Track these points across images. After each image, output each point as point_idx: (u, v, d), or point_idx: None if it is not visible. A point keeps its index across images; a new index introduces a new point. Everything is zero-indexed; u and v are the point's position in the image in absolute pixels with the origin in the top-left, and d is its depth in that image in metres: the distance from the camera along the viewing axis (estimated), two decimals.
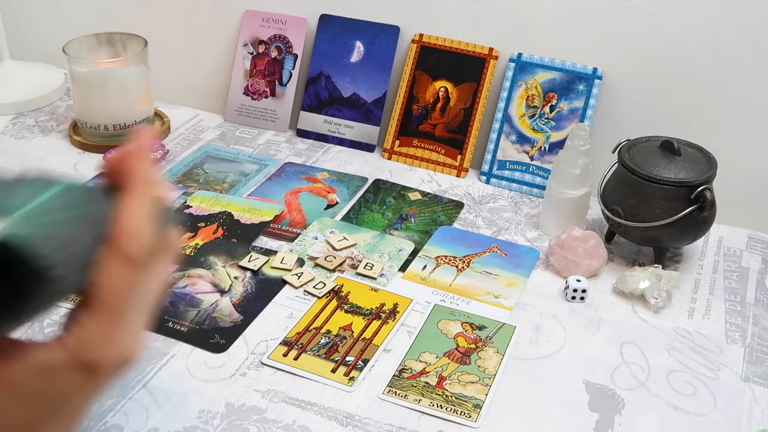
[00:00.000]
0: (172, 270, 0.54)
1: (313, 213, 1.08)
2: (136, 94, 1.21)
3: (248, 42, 1.29)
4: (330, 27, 1.24)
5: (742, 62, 1.06)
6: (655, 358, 0.86)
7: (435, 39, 1.19)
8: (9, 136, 1.24)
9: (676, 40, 1.08)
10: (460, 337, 0.87)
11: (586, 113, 1.12)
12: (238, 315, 0.89)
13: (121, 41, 1.24)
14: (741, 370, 0.85)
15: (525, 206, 1.12)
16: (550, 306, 0.93)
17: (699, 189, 0.92)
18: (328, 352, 0.84)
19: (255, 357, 0.83)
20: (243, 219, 1.05)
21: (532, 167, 1.15)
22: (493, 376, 0.82)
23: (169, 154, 1.20)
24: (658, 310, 0.92)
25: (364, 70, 1.23)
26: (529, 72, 1.15)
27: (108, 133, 1.21)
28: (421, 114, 1.20)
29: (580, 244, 0.96)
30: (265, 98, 1.29)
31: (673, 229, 0.94)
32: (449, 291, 0.94)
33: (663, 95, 1.11)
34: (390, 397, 0.79)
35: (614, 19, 1.10)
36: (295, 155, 1.22)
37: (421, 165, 1.20)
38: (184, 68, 1.35)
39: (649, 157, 0.96)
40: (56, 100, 1.35)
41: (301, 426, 0.75)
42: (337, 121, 1.25)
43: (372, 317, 0.89)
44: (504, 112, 1.16)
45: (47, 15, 1.42)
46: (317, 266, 0.97)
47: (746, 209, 1.10)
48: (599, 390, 0.81)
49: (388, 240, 1.02)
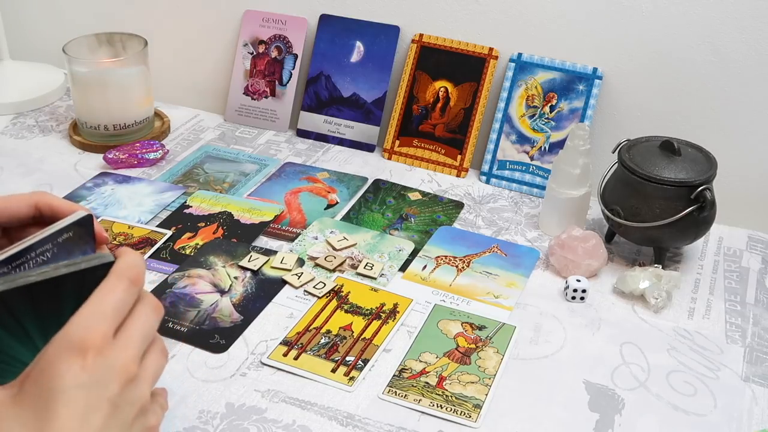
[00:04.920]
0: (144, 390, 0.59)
1: (313, 213, 1.08)
2: (136, 94, 1.21)
3: (248, 42, 1.29)
4: (330, 27, 1.24)
5: (742, 62, 1.06)
6: (655, 358, 0.86)
7: (435, 39, 1.19)
8: (9, 136, 1.24)
9: (676, 40, 1.08)
10: (460, 337, 0.87)
11: (586, 113, 1.12)
12: (238, 315, 0.89)
13: (121, 41, 1.24)
14: (741, 370, 0.85)
15: (525, 206, 1.12)
16: (550, 306, 0.93)
17: (699, 189, 0.92)
18: (328, 352, 0.84)
19: (255, 357, 0.83)
20: (243, 219, 1.05)
21: (532, 167, 1.15)
22: (493, 376, 0.82)
23: (169, 154, 1.21)
24: (658, 310, 0.92)
25: (364, 70, 1.23)
26: (529, 72, 1.15)
27: (108, 133, 1.21)
28: (421, 114, 1.20)
29: (580, 244, 0.96)
30: (265, 98, 1.29)
31: (673, 229, 0.94)
32: (449, 291, 0.94)
33: (663, 95, 1.11)
34: (390, 397, 0.79)
35: (614, 19, 1.10)
36: (295, 155, 1.22)
37: (421, 165, 1.20)
38: (184, 68, 1.35)
39: (649, 157, 0.96)
40: (56, 100, 1.35)
41: (301, 426, 0.75)
42: (337, 121, 1.25)
43: (372, 317, 0.89)
44: (504, 112, 1.16)
45: (47, 15, 1.42)
46: (317, 266, 0.97)
47: (746, 209, 1.10)
48: (599, 390, 0.81)
49: (388, 240, 1.02)
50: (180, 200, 1.09)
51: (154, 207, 1.08)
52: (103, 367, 0.55)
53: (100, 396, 0.54)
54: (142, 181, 1.14)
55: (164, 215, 1.06)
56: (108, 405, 0.55)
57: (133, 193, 1.10)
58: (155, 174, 1.16)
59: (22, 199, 0.68)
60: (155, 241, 1.00)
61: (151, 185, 1.13)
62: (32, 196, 0.68)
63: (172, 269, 0.95)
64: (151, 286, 0.92)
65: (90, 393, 0.54)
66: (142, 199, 1.09)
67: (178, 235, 1.02)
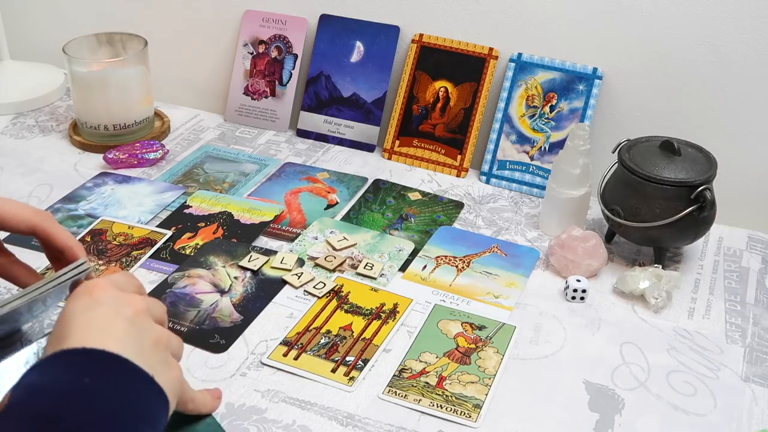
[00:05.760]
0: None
1: (313, 213, 1.08)
2: (136, 94, 1.21)
3: (248, 42, 1.29)
4: (330, 27, 1.24)
5: (742, 62, 1.06)
6: (655, 358, 0.86)
7: (435, 39, 1.19)
8: (9, 136, 1.24)
9: (676, 40, 1.08)
10: (460, 337, 0.87)
11: (586, 113, 1.12)
12: (238, 315, 0.89)
13: (121, 41, 1.24)
14: (741, 370, 0.85)
15: (525, 206, 1.12)
16: (550, 306, 0.93)
17: (699, 189, 0.92)
18: (328, 352, 0.84)
19: (255, 357, 0.83)
20: (243, 219, 1.05)
21: (532, 167, 1.15)
22: (493, 376, 0.82)
23: (169, 154, 1.21)
24: (658, 310, 0.92)
25: (364, 70, 1.23)
26: (529, 72, 1.15)
27: (108, 133, 1.21)
28: (421, 114, 1.20)
29: (580, 244, 0.96)
30: (265, 98, 1.29)
31: (673, 229, 0.94)
32: (449, 291, 0.94)
33: (663, 95, 1.11)
34: (390, 397, 0.79)
35: (614, 19, 1.10)
36: (295, 155, 1.22)
37: (421, 165, 1.20)
38: (184, 68, 1.35)
39: (649, 157, 0.96)
40: (56, 100, 1.35)
41: (301, 426, 0.75)
42: (337, 121, 1.25)
43: (372, 317, 0.89)
44: (504, 112, 1.16)
45: (47, 15, 1.42)
46: (317, 266, 0.97)
47: (746, 209, 1.10)
48: (599, 390, 0.81)
49: (388, 240, 1.02)
50: (180, 200, 1.09)
51: (154, 207, 1.08)
52: (111, 296, 0.61)
53: (114, 315, 0.59)
54: (142, 181, 1.14)
55: (164, 215, 1.06)
56: (124, 322, 0.59)
57: (133, 193, 1.10)
58: (155, 174, 1.16)
59: (22, 219, 0.73)
60: (155, 241, 1.00)
61: (151, 185, 1.13)
62: (33, 218, 0.73)
63: (172, 269, 0.95)
64: (151, 286, 0.92)
65: (104, 313, 0.59)
66: (142, 199, 1.09)
67: (178, 235, 1.02)
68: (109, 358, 0.55)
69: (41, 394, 0.51)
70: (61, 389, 0.51)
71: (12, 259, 0.78)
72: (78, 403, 0.50)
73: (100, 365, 0.54)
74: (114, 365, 0.55)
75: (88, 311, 0.58)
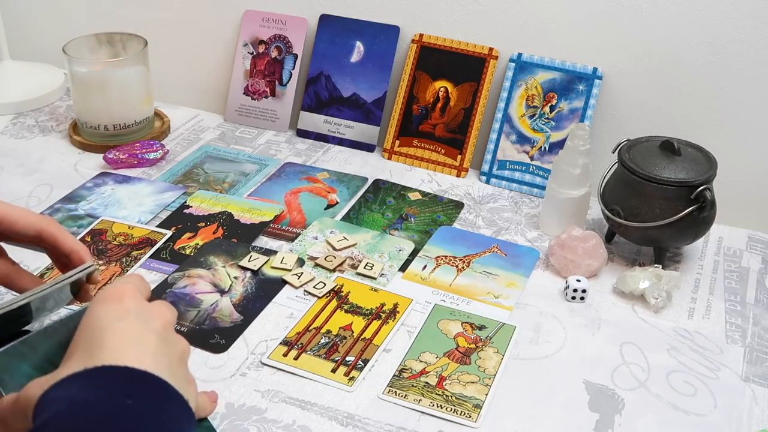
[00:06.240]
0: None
1: (313, 213, 1.08)
2: (136, 94, 1.21)
3: (248, 42, 1.29)
4: (330, 27, 1.24)
5: (742, 62, 1.06)
6: (655, 358, 0.86)
7: (435, 39, 1.19)
8: (9, 136, 1.24)
9: (676, 40, 1.08)
10: (460, 337, 0.87)
11: (586, 113, 1.12)
12: (238, 315, 0.89)
13: (121, 41, 1.24)
14: (741, 370, 0.85)
15: (525, 206, 1.12)
16: (550, 306, 0.93)
17: (699, 189, 0.92)
18: (328, 352, 0.84)
19: (255, 357, 0.83)
20: (243, 219, 1.05)
21: (532, 167, 1.15)
22: (493, 376, 0.82)
23: (169, 154, 1.21)
24: (658, 310, 0.92)
25: (364, 70, 1.23)
26: (529, 72, 1.15)
27: (108, 133, 1.21)
28: (421, 114, 1.20)
29: (580, 244, 0.96)
30: (265, 98, 1.29)
31: (673, 229, 0.94)
32: (449, 291, 0.94)
33: (663, 95, 1.11)
34: (390, 397, 0.79)
35: (614, 19, 1.10)
36: (295, 155, 1.22)
37: (421, 165, 1.20)
38: (184, 68, 1.35)
39: (649, 157, 0.96)
40: (56, 100, 1.35)
41: (301, 426, 0.75)
42: (337, 121, 1.25)
43: (372, 317, 0.89)
44: (504, 112, 1.16)
45: (47, 15, 1.42)
46: (317, 266, 0.97)
47: (746, 209, 1.10)
48: (599, 390, 0.81)
49: (388, 240, 1.02)
50: (180, 200, 1.09)
51: (154, 207, 1.08)
52: (141, 307, 0.60)
53: (145, 328, 0.58)
54: (142, 181, 1.14)
55: (164, 215, 1.06)
56: (155, 336, 0.59)
57: (133, 193, 1.10)
58: (155, 174, 1.16)
59: (28, 223, 0.74)
60: (155, 241, 1.00)
61: (151, 185, 1.13)
62: (39, 223, 0.74)
63: (172, 269, 0.95)
64: (152, 287, 0.92)
65: (135, 324, 0.58)
66: (142, 199, 1.09)
67: (178, 235, 1.02)
68: (152, 381, 0.55)
69: (83, 410, 0.51)
70: (103, 408, 0.51)
71: (16, 267, 0.78)
72: (119, 425, 0.51)
73: (143, 388, 0.54)
74: (157, 389, 0.55)
75: (119, 321, 0.57)
